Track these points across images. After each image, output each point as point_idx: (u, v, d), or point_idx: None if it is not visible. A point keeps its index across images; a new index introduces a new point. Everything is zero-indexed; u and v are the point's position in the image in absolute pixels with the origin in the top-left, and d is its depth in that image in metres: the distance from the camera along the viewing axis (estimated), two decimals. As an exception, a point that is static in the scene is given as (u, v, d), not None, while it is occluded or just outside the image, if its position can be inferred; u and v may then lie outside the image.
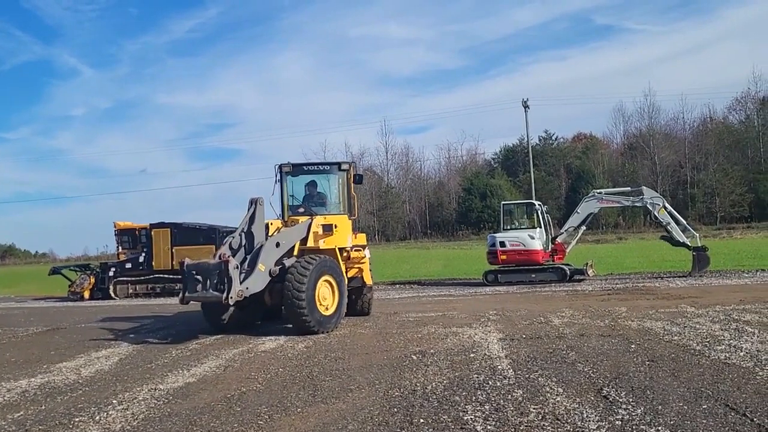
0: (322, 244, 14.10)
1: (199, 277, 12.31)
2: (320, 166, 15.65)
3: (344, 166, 15.25)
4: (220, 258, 12.39)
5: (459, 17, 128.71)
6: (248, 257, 12.85)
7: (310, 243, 13.87)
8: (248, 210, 13.50)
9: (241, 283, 12.10)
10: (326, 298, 13.35)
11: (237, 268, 12.17)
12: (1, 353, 12.46)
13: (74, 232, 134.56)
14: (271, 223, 13.99)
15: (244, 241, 13.31)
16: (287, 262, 13.30)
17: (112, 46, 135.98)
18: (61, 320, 18.53)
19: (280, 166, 14.79)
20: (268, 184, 14.77)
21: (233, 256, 12.75)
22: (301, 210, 14.90)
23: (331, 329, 13.17)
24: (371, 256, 15.90)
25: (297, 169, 15.10)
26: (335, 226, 14.18)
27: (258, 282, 12.53)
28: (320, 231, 14.02)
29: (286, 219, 14.60)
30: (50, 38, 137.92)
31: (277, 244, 13.20)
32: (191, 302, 12.72)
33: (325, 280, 13.31)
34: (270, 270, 12.83)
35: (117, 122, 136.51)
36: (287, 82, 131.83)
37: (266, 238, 13.34)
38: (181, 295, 12.60)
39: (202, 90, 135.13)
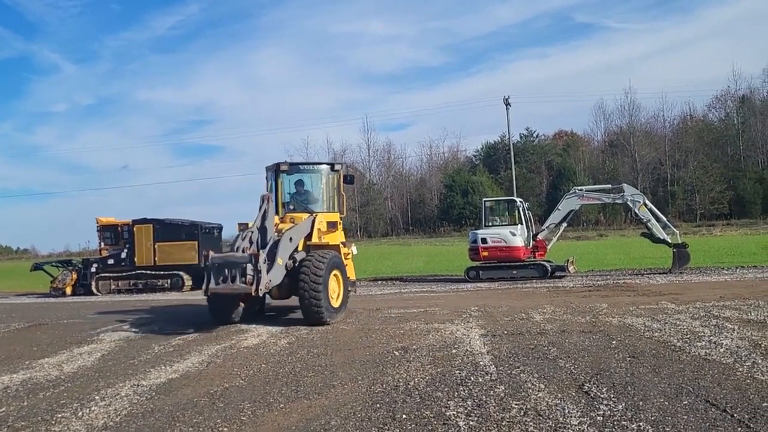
0: (326, 240, 14.87)
1: (225, 269, 12.77)
2: (314, 166, 16.15)
3: (336, 167, 16.00)
4: (235, 251, 13.12)
5: (441, 14, 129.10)
6: (264, 251, 13.22)
7: (314, 239, 14.58)
8: (260, 207, 13.97)
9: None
10: (335, 290, 14.17)
11: (266, 262, 12.84)
12: (-21, 350, 12.31)
13: (56, 228, 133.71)
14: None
15: (257, 236, 13.79)
16: (298, 256, 13.98)
17: (94, 42, 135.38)
18: (43, 316, 18.34)
19: (278, 165, 15.18)
20: (250, 180, 15.13)
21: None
22: (292, 207, 15.27)
23: (338, 320, 13.83)
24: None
25: (293, 167, 15.60)
26: (339, 223, 15.25)
27: (278, 275, 13.24)
28: (324, 228, 14.88)
29: (282, 216, 14.96)
30: (31, 34, 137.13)
31: (290, 239, 13.83)
32: (212, 293, 13.14)
33: (334, 274, 14.10)
34: (285, 263, 13.51)
35: (98, 118, 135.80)
36: (268, 78, 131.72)
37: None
38: (204, 286, 13.00)
39: (183, 86, 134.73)
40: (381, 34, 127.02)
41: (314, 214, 14.79)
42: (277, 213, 14.84)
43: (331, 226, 14.98)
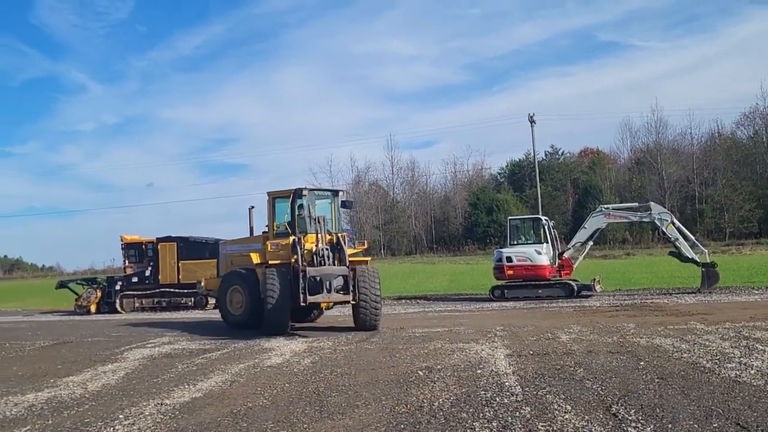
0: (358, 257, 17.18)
1: (321, 281, 14.99)
2: (326, 192, 18.35)
3: (341, 194, 18.38)
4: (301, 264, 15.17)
5: (462, 33, 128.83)
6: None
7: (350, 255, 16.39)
8: (320, 228, 16.14)
9: None
10: None
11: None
12: (8, 367, 12.48)
13: (81, 246, 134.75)
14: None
15: (329, 252, 16.00)
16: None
17: (120, 63, 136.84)
18: (68, 334, 18.56)
19: (299, 190, 16.99)
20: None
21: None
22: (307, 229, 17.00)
23: None
24: None
25: (310, 194, 17.58)
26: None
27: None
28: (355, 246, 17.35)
29: (299, 236, 16.46)
30: (59, 54, 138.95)
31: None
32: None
33: None
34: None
35: (124, 137, 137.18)
36: (291, 97, 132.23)
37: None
38: (303, 296, 14.75)
39: (207, 105, 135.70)
40: (403, 53, 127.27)
41: (343, 234, 16.48)
42: (294, 233, 16.50)
43: (363, 244, 17.28)
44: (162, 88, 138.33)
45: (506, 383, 8.68)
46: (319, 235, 16.06)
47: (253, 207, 18.65)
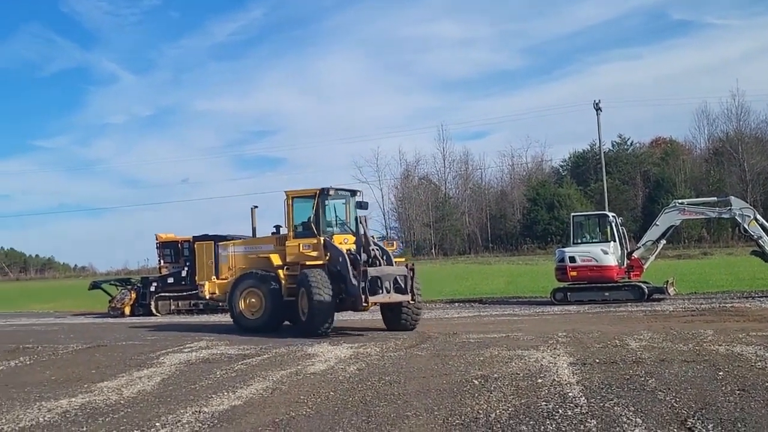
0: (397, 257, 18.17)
1: (381, 282, 15.98)
2: (345, 192, 19.42)
3: (358, 194, 19.45)
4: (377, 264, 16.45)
5: (519, 15, 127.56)
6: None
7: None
8: (362, 228, 16.98)
9: None
10: None
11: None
12: (41, 371, 12.83)
13: (114, 245, 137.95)
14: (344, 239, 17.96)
15: (380, 252, 17.09)
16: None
17: (153, 51, 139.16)
18: (102, 337, 19.01)
19: (326, 189, 18.19)
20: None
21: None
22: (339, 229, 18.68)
23: None
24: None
25: (335, 193, 18.81)
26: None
27: None
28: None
29: (330, 237, 17.80)
30: (89, 43, 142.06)
31: None
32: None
33: None
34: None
35: (157, 129, 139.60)
36: (334, 86, 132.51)
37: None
38: (363, 296, 15.64)
39: (244, 95, 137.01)
40: (454, 37, 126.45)
41: (373, 237, 17.53)
42: (319, 234, 17.63)
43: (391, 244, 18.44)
44: (197, 77, 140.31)
45: (569, 394, 8.60)
46: (367, 236, 16.90)
47: (256, 207, 20.16)
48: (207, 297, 21.07)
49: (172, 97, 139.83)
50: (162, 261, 30.86)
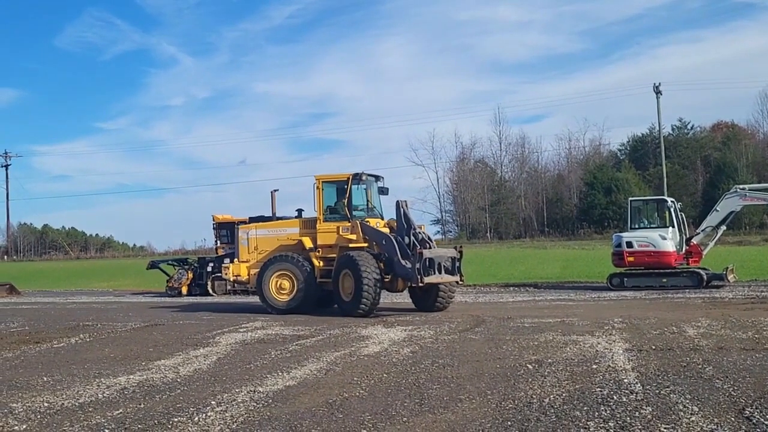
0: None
1: (435, 263, 16.83)
2: (374, 177, 19.75)
3: (380, 180, 19.94)
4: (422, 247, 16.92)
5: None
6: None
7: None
8: (403, 212, 18.00)
9: None
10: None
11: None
12: (100, 349, 13.19)
13: (172, 225, 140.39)
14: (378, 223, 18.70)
15: (422, 236, 17.80)
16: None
17: (211, 34, 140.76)
18: (159, 316, 19.45)
19: (359, 175, 18.62)
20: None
21: None
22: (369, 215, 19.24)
23: None
24: None
25: (366, 179, 19.22)
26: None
27: None
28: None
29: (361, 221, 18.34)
30: (150, 27, 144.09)
31: None
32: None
33: None
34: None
35: (215, 111, 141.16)
36: (391, 69, 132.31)
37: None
38: (419, 277, 16.37)
39: (302, 78, 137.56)
40: (511, 20, 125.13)
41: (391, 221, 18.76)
42: (351, 218, 18.23)
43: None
44: (254, 60, 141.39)
45: (625, 380, 8.52)
46: (411, 220, 17.98)
47: (276, 190, 20.33)
48: (231, 279, 21.33)
49: (229, 80, 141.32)
50: (219, 242, 31.21)
